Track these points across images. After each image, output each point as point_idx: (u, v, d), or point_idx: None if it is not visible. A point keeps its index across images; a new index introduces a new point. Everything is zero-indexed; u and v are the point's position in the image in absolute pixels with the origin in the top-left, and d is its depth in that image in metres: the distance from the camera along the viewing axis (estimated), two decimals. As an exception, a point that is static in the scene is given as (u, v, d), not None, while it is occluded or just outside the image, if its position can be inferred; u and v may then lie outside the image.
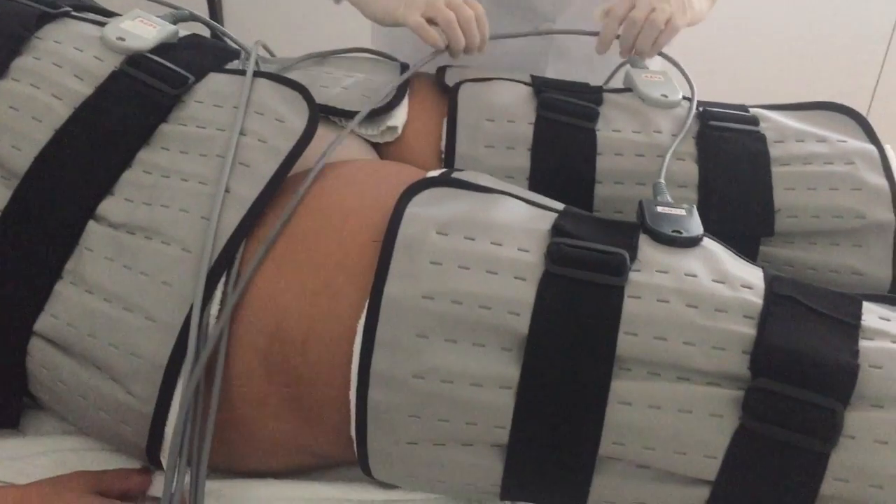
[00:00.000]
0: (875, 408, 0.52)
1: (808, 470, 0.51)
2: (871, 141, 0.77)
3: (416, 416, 0.54)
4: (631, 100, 0.79)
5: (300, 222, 0.61)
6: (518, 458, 0.55)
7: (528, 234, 0.59)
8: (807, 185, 0.73)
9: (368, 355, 0.54)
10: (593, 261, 0.56)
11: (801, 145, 0.75)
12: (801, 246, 0.73)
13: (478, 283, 0.55)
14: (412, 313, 0.54)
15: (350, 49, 0.87)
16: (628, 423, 0.53)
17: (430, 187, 0.62)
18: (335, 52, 0.85)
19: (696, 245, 0.60)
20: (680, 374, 0.54)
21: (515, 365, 0.54)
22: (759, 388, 0.52)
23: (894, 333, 0.56)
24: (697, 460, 0.53)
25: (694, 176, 0.74)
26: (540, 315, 0.54)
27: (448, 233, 0.58)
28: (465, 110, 0.76)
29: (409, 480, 0.59)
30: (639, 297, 0.55)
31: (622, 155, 0.75)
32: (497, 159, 0.74)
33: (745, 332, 0.54)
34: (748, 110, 0.79)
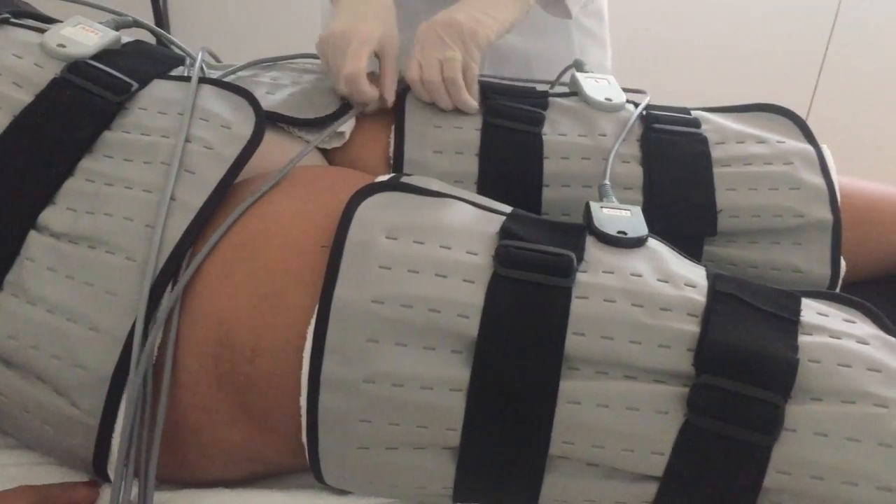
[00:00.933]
0: (814, 401, 0.53)
1: (751, 463, 0.52)
2: (808, 141, 0.79)
3: (367, 421, 0.54)
4: (576, 104, 0.80)
5: (247, 229, 0.61)
6: (470, 459, 0.55)
7: (477, 237, 0.59)
8: (747, 185, 0.75)
9: (318, 361, 0.54)
10: (541, 262, 0.56)
11: (742, 146, 0.77)
12: (743, 245, 0.75)
13: (427, 286, 0.55)
14: (362, 318, 0.54)
15: (297, 55, 0.86)
16: (578, 422, 0.54)
17: (378, 192, 0.62)
18: (282, 59, 0.84)
19: (642, 245, 0.62)
20: (627, 372, 0.55)
21: (466, 367, 0.54)
22: (703, 385, 0.53)
23: (832, 328, 0.57)
24: (645, 457, 0.54)
25: (639, 178, 0.75)
26: (489, 317, 0.55)
27: (397, 237, 0.58)
28: (413, 116, 0.77)
29: (361, 486, 0.59)
30: (586, 298, 0.56)
31: (568, 158, 0.76)
32: (445, 164, 0.75)
33: (689, 329, 0.55)
34: (690, 113, 0.81)
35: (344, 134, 0.77)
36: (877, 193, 0.83)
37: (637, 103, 0.81)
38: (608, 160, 0.73)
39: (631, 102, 0.82)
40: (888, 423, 0.52)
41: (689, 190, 0.75)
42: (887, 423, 0.52)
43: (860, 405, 0.53)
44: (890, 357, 0.56)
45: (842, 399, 0.53)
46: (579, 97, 0.82)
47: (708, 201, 0.74)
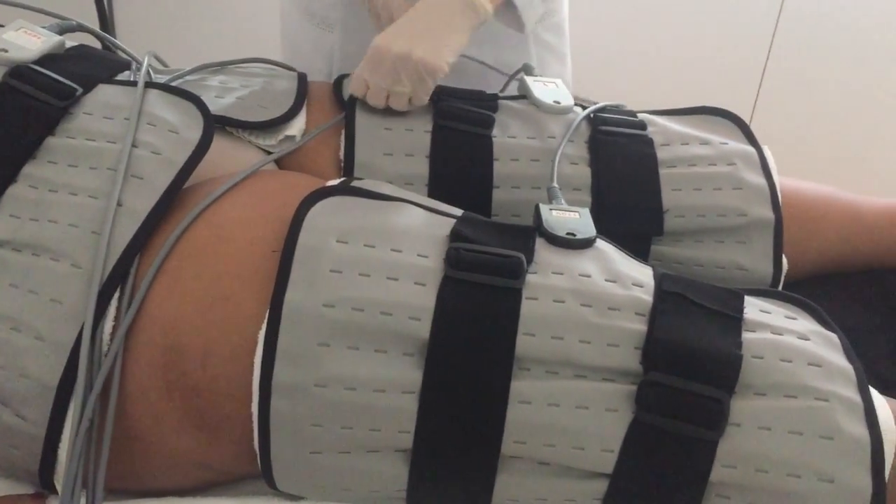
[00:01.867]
0: (758, 396, 0.55)
1: (697, 458, 0.54)
2: (750, 143, 0.81)
3: (319, 426, 0.54)
4: (525, 106, 0.81)
5: (196, 235, 0.60)
6: (422, 461, 0.55)
7: (428, 240, 0.59)
8: (692, 185, 0.76)
9: (270, 366, 0.54)
10: (491, 264, 0.57)
11: (686, 148, 0.79)
12: (688, 244, 0.76)
13: (378, 289, 0.56)
14: (313, 322, 0.54)
15: (245, 59, 0.86)
16: (529, 421, 0.54)
17: (329, 196, 0.62)
18: (230, 63, 0.84)
19: (590, 246, 0.63)
20: (577, 371, 0.55)
21: (417, 369, 0.54)
22: (651, 382, 0.54)
23: (774, 325, 0.59)
24: (595, 454, 0.54)
25: (587, 179, 0.76)
26: (440, 319, 0.55)
27: (348, 241, 0.58)
28: (363, 119, 0.77)
29: (314, 490, 0.58)
30: (536, 299, 0.56)
31: (518, 160, 0.76)
32: (396, 167, 0.75)
33: (636, 328, 0.56)
34: (636, 115, 0.82)
35: (294, 138, 0.77)
36: (816, 193, 0.85)
37: (585, 106, 0.82)
38: (555, 162, 0.74)
39: (579, 105, 0.83)
40: (829, 416, 0.54)
41: (636, 191, 0.76)
42: (828, 415, 0.54)
43: (802, 399, 0.55)
44: (830, 352, 0.58)
45: (784, 393, 0.55)
46: (528, 100, 0.83)
47: (654, 202, 0.76)
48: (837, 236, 0.84)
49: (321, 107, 0.81)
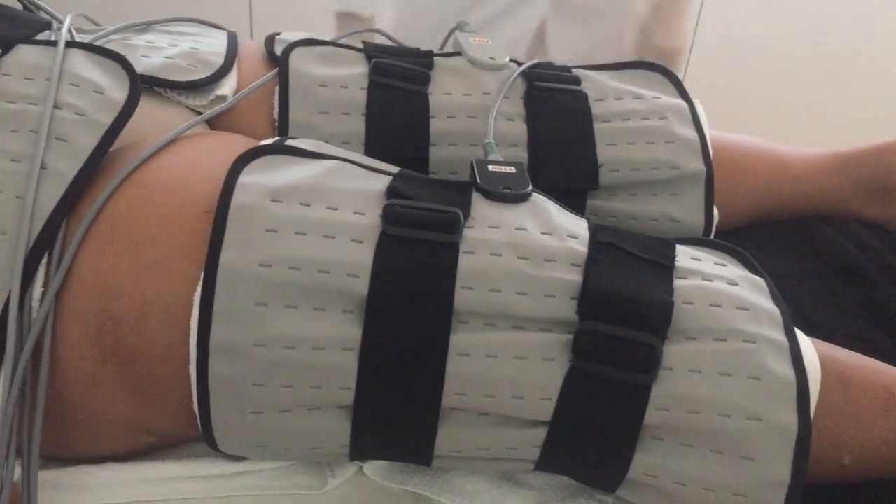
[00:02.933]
0: (689, 340, 0.56)
1: (632, 402, 0.55)
2: (682, 97, 0.82)
3: (259, 385, 0.54)
4: (460, 63, 0.81)
5: (126, 197, 0.59)
6: (364, 417, 0.56)
7: (364, 197, 0.59)
8: (626, 139, 0.77)
9: (206, 327, 0.54)
10: (428, 220, 0.57)
11: (620, 103, 0.80)
12: (623, 198, 0.78)
13: (315, 248, 0.55)
14: (250, 282, 0.54)
15: (173, 18, 0.83)
16: (468, 373, 0.55)
17: (262, 155, 0.61)
18: (157, 22, 0.81)
19: (526, 200, 0.63)
20: (514, 323, 0.56)
21: (357, 326, 0.54)
22: (586, 331, 0.55)
23: (704, 272, 0.61)
24: (534, 403, 0.56)
25: (523, 135, 0.76)
26: (378, 275, 0.55)
27: (283, 200, 0.57)
28: (297, 77, 0.76)
29: (257, 450, 0.58)
30: (473, 253, 0.57)
31: (454, 117, 0.76)
32: (332, 125, 0.74)
33: (572, 279, 0.57)
34: (571, 71, 0.83)
35: (226, 98, 0.75)
36: (746, 145, 0.87)
37: (520, 62, 0.83)
38: (490, 118, 0.74)
39: (514, 61, 0.83)
40: (756, 358, 0.56)
41: (572, 146, 0.77)
42: (756, 357, 0.56)
43: (731, 342, 0.56)
44: (757, 296, 0.60)
45: (714, 337, 0.56)
46: (463, 57, 0.82)
47: (590, 156, 0.76)
48: (766, 187, 0.86)
49: (253, 65, 0.79)
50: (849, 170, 0.88)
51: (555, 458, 0.58)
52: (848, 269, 0.83)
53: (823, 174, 0.88)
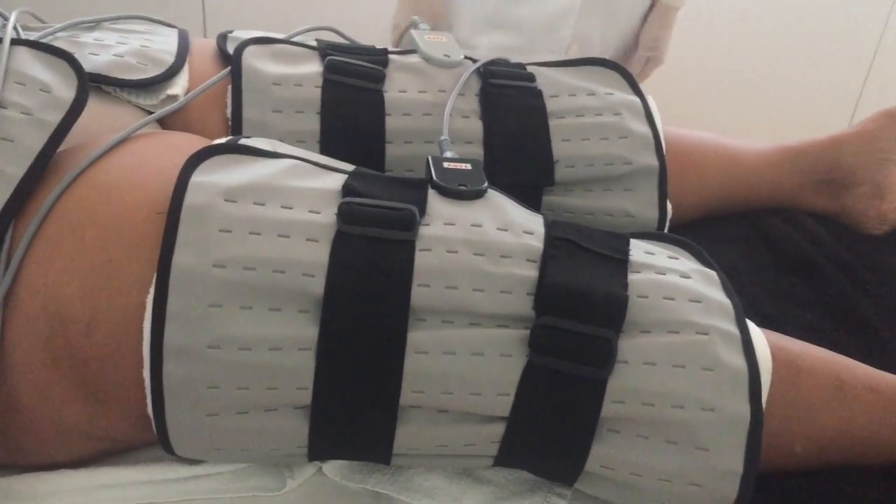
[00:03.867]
0: (643, 333, 0.57)
1: (589, 395, 0.56)
2: (634, 93, 0.83)
3: (215, 387, 0.54)
4: (415, 61, 0.81)
5: (75, 199, 0.58)
6: (322, 417, 0.55)
7: (319, 196, 0.59)
8: (581, 135, 0.78)
9: (160, 329, 0.53)
10: (384, 218, 0.57)
11: (574, 99, 0.80)
12: (578, 193, 0.78)
13: (270, 247, 0.55)
14: (203, 283, 0.53)
15: (122, 16, 0.82)
16: (426, 371, 0.55)
17: (215, 155, 0.61)
18: (105, 19, 0.80)
19: (481, 197, 0.63)
20: (471, 319, 0.56)
21: (313, 326, 0.54)
22: (543, 326, 0.56)
23: (658, 265, 0.61)
24: (492, 399, 0.56)
25: (479, 132, 0.77)
26: (334, 274, 0.55)
27: (237, 199, 0.57)
28: (250, 75, 0.75)
29: (213, 453, 0.58)
30: (429, 250, 0.57)
31: (410, 115, 0.76)
32: (286, 124, 0.74)
33: (528, 274, 0.57)
34: (525, 68, 0.83)
35: (177, 97, 0.74)
36: (698, 140, 0.89)
37: (475, 60, 0.83)
38: (445, 115, 0.75)
39: (469, 59, 0.83)
40: (709, 349, 0.57)
41: (527, 142, 0.77)
42: (708, 348, 0.57)
43: (684, 334, 0.57)
44: (709, 289, 0.61)
45: (668, 330, 0.57)
46: (418, 54, 0.82)
47: (545, 152, 0.77)
48: (718, 181, 0.88)
49: (205, 64, 0.78)
50: (797, 163, 0.90)
51: (513, 453, 0.58)
52: (799, 261, 0.84)
53: (773, 168, 0.90)
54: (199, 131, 0.74)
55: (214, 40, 0.81)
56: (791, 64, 1.93)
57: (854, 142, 0.88)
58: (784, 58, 1.93)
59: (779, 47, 1.92)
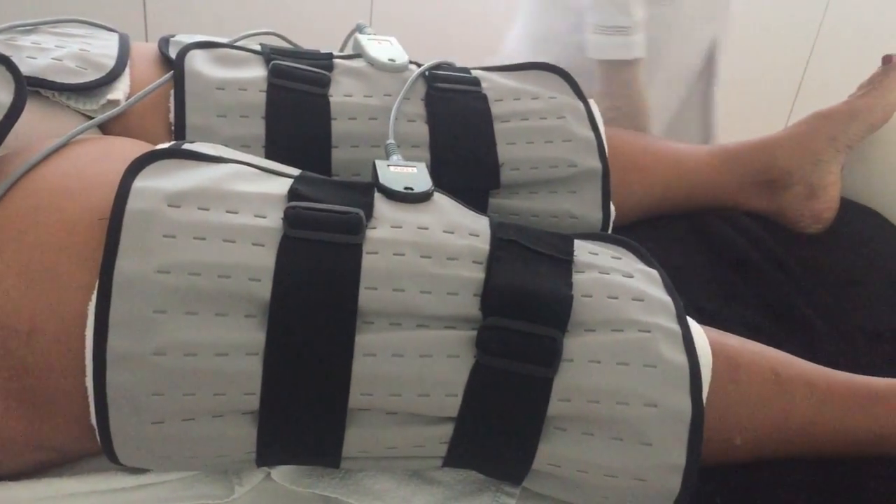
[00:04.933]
0: (588, 332, 0.58)
1: (535, 394, 0.56)
2: (577, 97, 0.85)
3: (160, 395, 0.53)
4: (361, 65, 0.81)
5: (14, 206, 0.57)
6: (270, 422, 0.55)
7: (265, 200, 0.59)
8: (525, 139, 0.79)
9: (103, 337, 0.52)
10: (330, 221, 0.57)
11: (518, 103, 0.81)
12: (524, 196, 0.79)
13: (215, 252, 0.54)
14: (147, 289, 0.53)
15: (61, 20, 0.80)
16: (374, 373, 0.55)
17: (158, 160, 0.60)
18: (43, 22, 0.78)
19: (428, 200, 0.64)
20: (419, 321, 0.57)
21: (260, 330, 0.54)
22: (490, 326, 0.56)
23: (602, 265, 0.63)
24: (440, 400, 0.56)
25: (425, 136, 0.77)
26: (281, 278, 0.55)
27: (180, 204, 0.56)
28: (193, 79, 0.74)
29: (159, 461, 0.57)
30: (376, 253, 0.57)
31: (356, 119, 0.76)
32: (231, 129, 0.73)
33: (474, 276, 0.58)
34: (470, 72, 0.84)
35: (118, 102, 0.73)
36: (639, 143, 0.91)
37: (420, 64, 0.83)
38: (391, 119, 0.75)
39: (414, 63, 0.84)
40: (651, 346, 0.58)
41: (473, 146, 0.78)
42: (651, 345, 0.58)
43: (627, 332, 0.58)
44: (651, 287, 0.63)
45: (612, 328, 0.58)
46: (363, 58, 0.82)
47: (490, 156, 0.78)
48: (659, 182, 0.90)
49: (147, 68, 0.77)
50: (735, 164, 0.92)
51: (462, 453, 0.59)
52: (737, 260, 0.87)
53: (712, 169, 0.92)
54: (141, 137, 0.72)
55: (156, 44, 0.80)
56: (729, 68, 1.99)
57: (788, 143, 0.91)
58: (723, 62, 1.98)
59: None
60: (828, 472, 0.65)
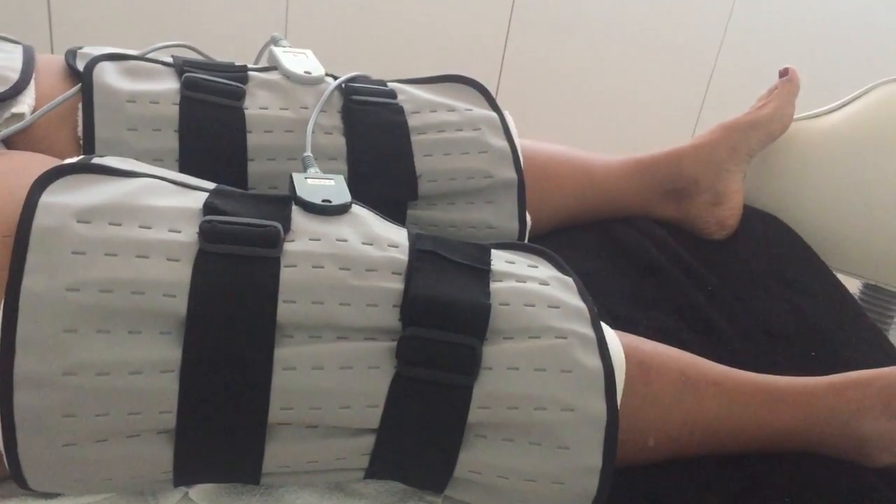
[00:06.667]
0: (506, 340, 0.59)
1: (455, 403, 0.57)
2: (492, 108, 0.86)
3: (71, 416, 0.51)
4: (276, 77, 0.81)
5: None
6: (187, 440, 0.54)
7: (179, 214, 0.58)
8: (442, 150, 0.80)
9: (9, 358, 0.50)
10: (247, 235, 0.57)
11: (435, 115, 0.82)
12: (442, 207, 0.80)
13: (128, 268, 0.53)
14: (56, 307, 0.51)
15: (-40, 30, 0.78)
16: (294, 387, 0.55)
17: (66, 174, 0.58)
18: (-59, 34, 0.75)
19: (346, 212, 0.64)
20: (339, 333, 0.57)
21: (176, 347, 0.53)
22: (409, 337, 0.57)
23: (518, 273, 0.64)
24: (361, 411, 0.56)
25: (342, 148, 0.77)
26: (197, 294, 0.54)
27: (91, 220, 0.55)
28: (103, 92, 0.72)
29: (72, 485, 0.55)
30: (295, 266, 0.57)
31: (272, 132, 0.76)
32: (143, 142, 0.72)
33: (393, 287, 0.58)
34: (387, 85, 0.85)
35: (23, 115, 0.71)
36: (553, 153, 0.93)
37: (336, 76, 0.83)
38: (308, 132, 0.75)
39: (330, 76, 0.84)
40: (567, 352, 0.60)
41: (390, 158, 0.78)
42: (566, 351, 0.60)
43: (544, 339, 0.60)
44: (566, 294, 0.64)
45: (529, 335, 0.60)
46: (279, 71, 0.82)
47: (407, 168, 0.79)
48: (573, 192, 0.92)
49: (53, 81, 0.75)
50: (644, 174, 0.95)
51: (384, 464, 0.59)
52: (648, 266, 0.90)
53: (623, 179, 0.95)
54: (48, 151, 0.70)
55: (63, 57, 0.78)
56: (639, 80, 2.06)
57: (694, 154, 0.95)
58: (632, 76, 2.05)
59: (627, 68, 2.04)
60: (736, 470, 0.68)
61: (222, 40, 1.59)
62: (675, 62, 2.05)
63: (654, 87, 2.07)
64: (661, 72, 2.06)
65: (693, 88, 2.09)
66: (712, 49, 2.05)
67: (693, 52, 2.05)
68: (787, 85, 0.97)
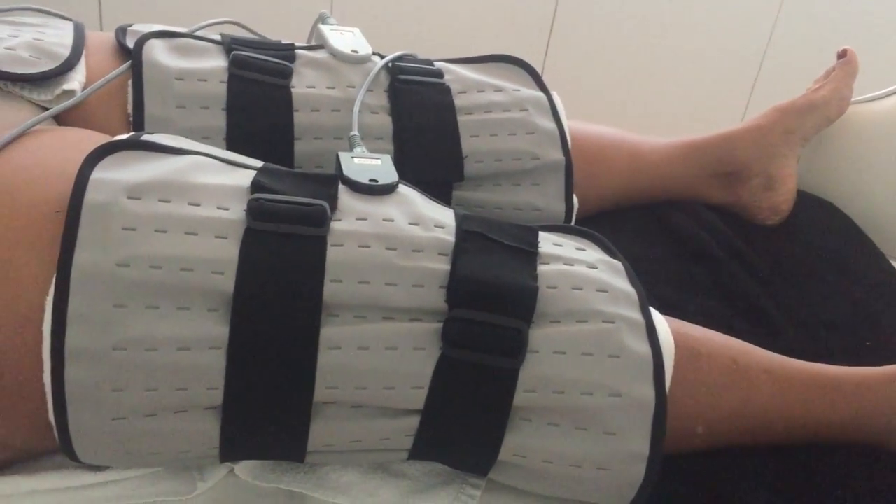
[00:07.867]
0: (553, 323, 0.59)
1: (501, 386, 0.57)
2: (540, 89, 0.85)
3: (120, 390, 0.52)
4: (323, 56, 0.80)
5: None
6: (234, 416, 0.55)
7: (227, 192, 0.58)
8: (489, 131, 0.79)
9: (61, 332, 0.51)
10: (294, 213, 0.57)
11: (482, 95, 0.81)
12: (488, 188, 0.80)
13: (177, 245, 0.54)
14: (107, 283, 0.52)
15: (15, 7, 0.78)
16: (340, 366, 0.55)
17: (116, 151, 0.59)
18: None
19: (392, 192, 0.64)
20: (384, 314, 0.56)
21: (223, 324, 0.53)
22: (455, 318, 0.56)
23: (566, 256, 0.63)
24: (406, 392, 0.56)
25: (388, 128, 0.77)
26: (244, 272, 0.54)
27: (141, 196, 0.55)
28: (152, 69, 0.73)
29: (120, 458, 0.56)
30: (341, 245, 0.57)
31: (319, 111, 0.76)
32: (191, 120, 0.72)
33: (440, 268, 0.58)
34: (434, 64, 0.84)
35: (74, 92, 0.71)
36: (602, 135, 0.91)
37: (383, 55, 0.83)
38: (355, 111, 0.74)
39: (377, 55, 0.83)
40: (615, 337, 0.59)
41: (437, 138, 0.78)
42: (614, 336, 0.59)
43: (592, 323, 0.59)
44: (615, 278, 0.63)
45: (576, 319, 0.59)
46: (326, 50, 0.82)
47: (454, 148, 0.78)
48: (621, 175, 0.91)
49: (103, 58, 0.76)
50: (695, 157, 0.93)
51: (428, 445, 0.59)
52: (697, 250, 0.88)
53: (673, 162, 0.93)
54: (98, 128, 0.71)
55: (113, 34, 0.79)
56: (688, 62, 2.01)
57: (746, 137, 0.93)
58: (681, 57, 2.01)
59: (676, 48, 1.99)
60: (786, 461, 0.66)
61: (270, 17, 1.60)
62: (727, 41, 2.00)
63: (704, 68, 2.03)
64: (712, 51, 2.01)
65: (744, 68, 2.05)
66: (766, 25, 2.00)
67: (745, 31, 2.00)
68: (845, 66, 0.94)
